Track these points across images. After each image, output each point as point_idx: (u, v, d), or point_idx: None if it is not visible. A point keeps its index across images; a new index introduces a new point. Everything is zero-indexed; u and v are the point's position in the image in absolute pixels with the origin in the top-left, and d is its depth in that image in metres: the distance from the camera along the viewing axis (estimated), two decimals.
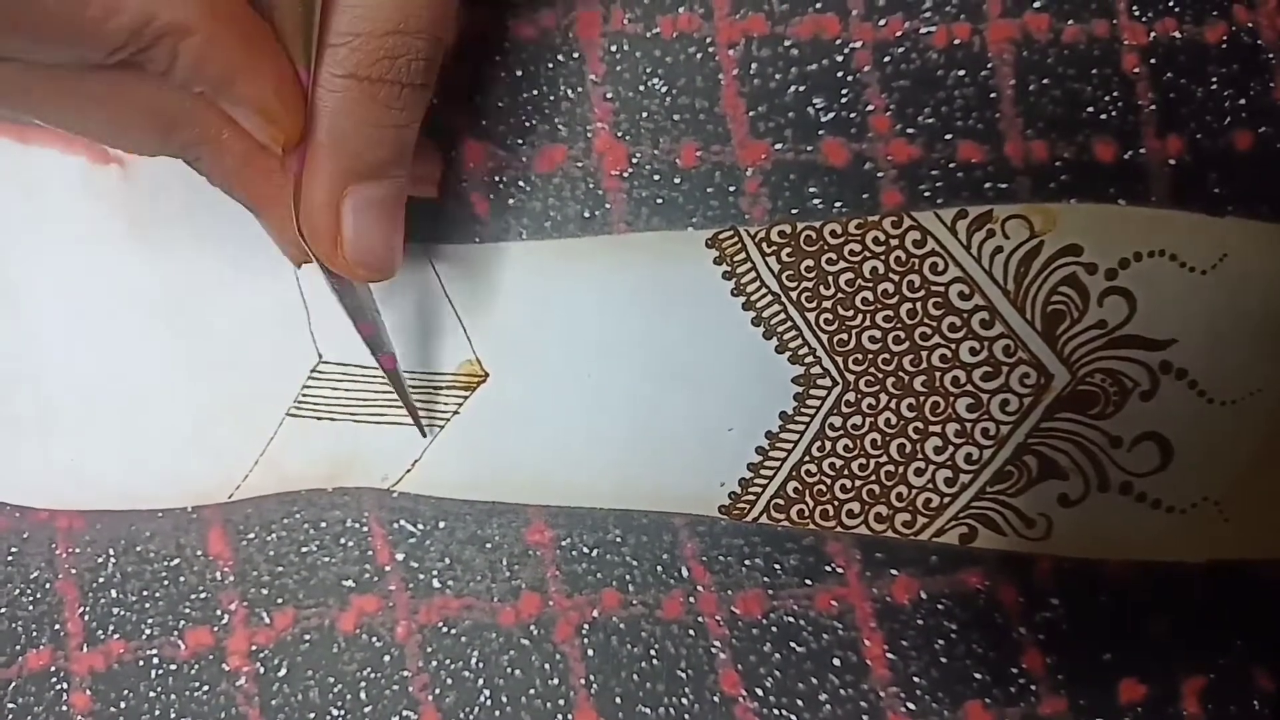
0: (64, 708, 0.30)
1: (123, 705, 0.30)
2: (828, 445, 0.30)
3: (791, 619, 0.30)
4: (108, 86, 0.22)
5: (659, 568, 0.30)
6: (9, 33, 0.20)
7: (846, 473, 0.29)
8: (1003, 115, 0.30)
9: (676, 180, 0.31)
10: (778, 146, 0.31)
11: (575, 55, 0.31)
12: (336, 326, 0.30)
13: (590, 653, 0.30)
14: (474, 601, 0.30)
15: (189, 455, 0.31)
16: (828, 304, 0.30)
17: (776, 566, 0.30)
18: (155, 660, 0.30)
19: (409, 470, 0.30)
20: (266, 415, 0.30)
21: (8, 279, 0.31)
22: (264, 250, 0.30)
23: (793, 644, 0.30)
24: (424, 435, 0.30)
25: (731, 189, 0.31)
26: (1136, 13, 0.31)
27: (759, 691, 0.30)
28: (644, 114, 0.31)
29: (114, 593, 0.31)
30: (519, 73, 0.31)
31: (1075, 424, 0.29)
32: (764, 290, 0.30)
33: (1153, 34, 0.31)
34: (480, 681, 0.30)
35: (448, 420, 0.30)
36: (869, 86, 0.31)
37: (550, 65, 0.31)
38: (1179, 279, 0.29)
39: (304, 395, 0.30)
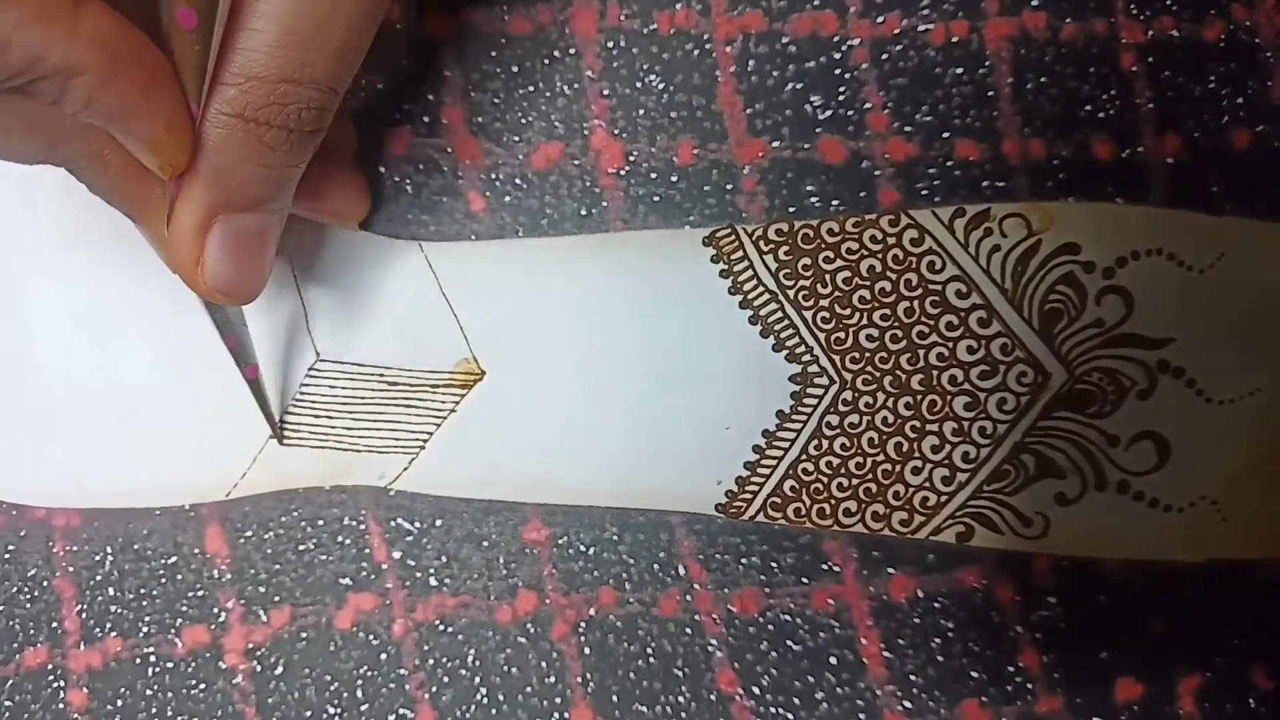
0: (61, 705, 0.29)
1: (120, 703, 0.29)
2: (825, 444, 0.28)
3: (788, 617, 0.29)
4: None
5: (656, 566, 0.29)
6: None
7: (843, 471, 0.28)
8: (1001, 113, 0.29)
9: (673, 178, 0.29)
10: (775, 144, 0.29)
11: (572, 51, 0.30)
12: (334, 325, 0.29)
13: (587, 651, 0.29)
14: (471, 599, 0.29)
15: (186, 453, 0.29)
16: (825, 302, 0.28)
17: (773, 565, 0.29)
18: (152, 658, 0.29)
19: (406, 468, 0.29)
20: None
21: (5, 278, 0.30)
22: None
23: (789, 642, 0.29)
24: (279, 442, 0.29)
25: (729, 187, 0.29)
26: (1134, 11, 0.29)
27: (756, 690, 0.29)
28: (641, 111, 0.30)
29: (111, 591, 0.30)
30: (515, 69, 0.30)
31: (1073, 423, 0.28)
32: (761, 288, 0.29)
33: (1151, 32, 0.29)
34: (477, 679, 0.29)
35: (444, 419, 0.29)
36: (867, 84, 0.29)
37: (547, 61, 0.30)
38: (1177, 278, 0.28)
39: (301, 393, 0.29)
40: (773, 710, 0.29)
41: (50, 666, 0.29)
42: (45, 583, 0.30)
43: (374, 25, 0.22)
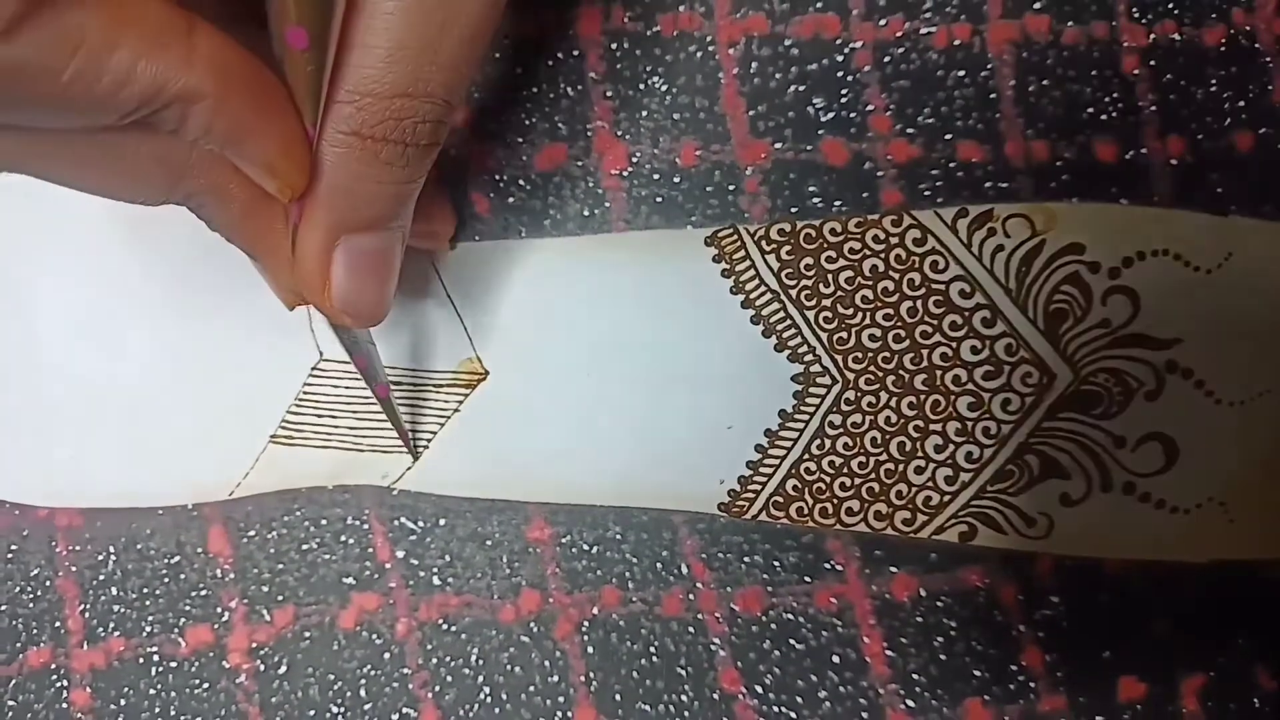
0: (64, 705, 0.28)
1: (123, 703, 0.28)
2: (827, 443, 0.27)
3: (791, 616, 0.28)
4: (115, 144, 0.20)
5: (659, 565, 0.28)
6: (21, 106, 0.18)
7: (846, 471, 0.27)
8: (1003, 116, 0.28)
9: (676, 179, 0.28)
10: (777, 146, 0.28)
11: (575, 53, 0.29)
12: None
13: (590, 650, 0.28)
14: (474, 599, 0.28)
15: (190, 453, 0.28)
16: (827, 302, 0.27)
17: (776, 564, 0.28)
18: (155, 658, 0.28)
19: (409, 468, 0.28)
20: (267, 413, 0.28)
21: (9, 277, 0.29)
22: None
23: (792, 641, 0.28)
24: (415, 459, 0.28)
25: (731, 188, 0.28)
26: (1136, 15, 0.28)
27: (758, 689, 0.28)
28: (644, 113, 0.29)
29: (114, 590, 0.28)
30: (519, 70, 0.29)
31: (1078, 424, 0.27)
32: (763, 288, 0.28)
33: (1152, 36, 0.28)
34: (480, 679, 0.28)
35: (448, 419, 0.28)
36: (869, 86, 0.28)
37: (550, 63, 0.29)
38: (1184, 278, 0.27)
39: (305, 393, 0.28)
40: (775, 709, 0.28)
41: (53, 666, 0.28)
42: (48, 582, 0.29)
43: (488, 36, 0.21)
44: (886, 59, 0.29)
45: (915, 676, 0.28)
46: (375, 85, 0.20)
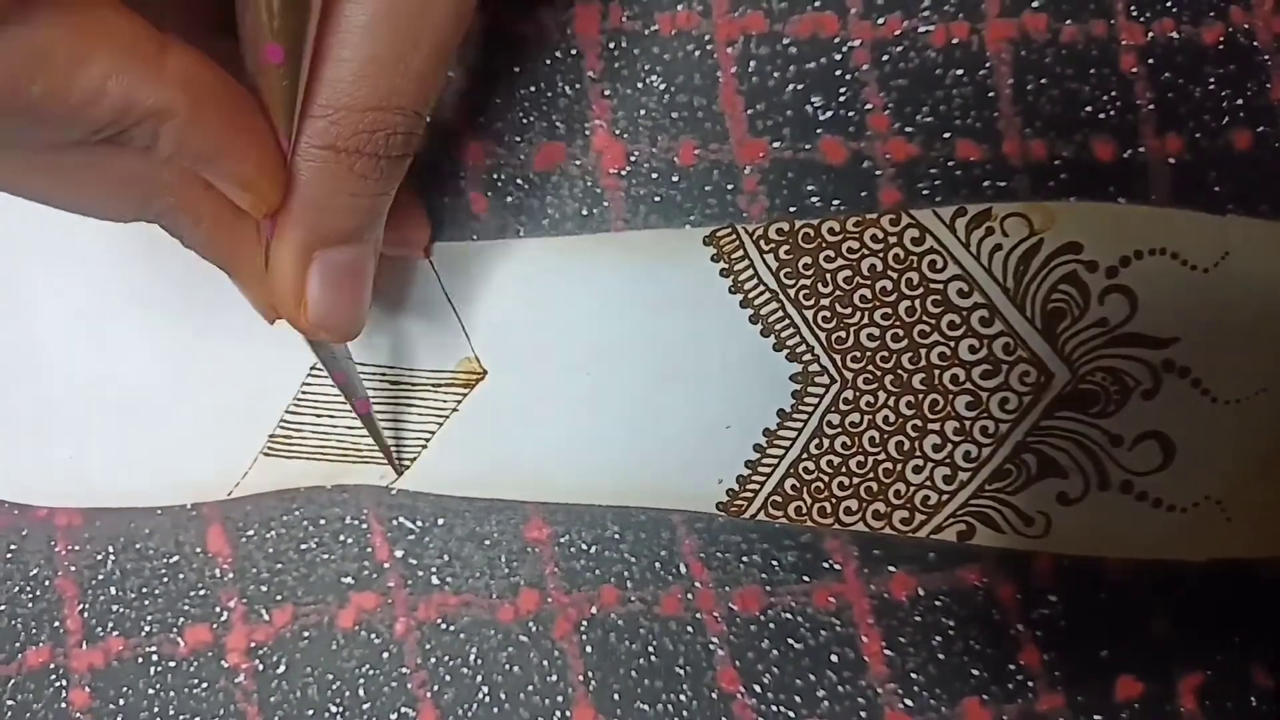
0: (63, 705, 0.28)
1: (121, 702, 0.28)
2: (825, 442, 0.27)
3: (789, 615, 0.28)
4: (86, 161, 0.20)
5: (657, 564, 0.28)
6: None
7: (844, 470, 0.27)
8: (1001, 114, 0.28)
9: (674, 178, 0.28)
10: (776, 145, 0.28)
11: (573, 52, 0.29)
12: None
13: (588, 649, 0.28)
14: (472, 598, 0.28)
15: (188, 452, 0.28)
16: (826, 301, 0.27)
17: (774, 563, 0.28)
18: (154, 657, 0.28)
19: (408, 468, 0.28)
20: (266, 412, 0.28)
21: (9, 277, 0.29)
22: None
23: (790, 640, 0.28)
24: (398, 474, 0.28)
25: (729, 187, 0.28)
26: (1134, 13, 0.28)
27: (757, 688, 0.28)
28: (642, 112, 0.28)
29: (113, 590, 0.28)
30: (517, 69, 0.29)
31: (1076, 422, 0.27)
32: (762, 288, 0.27)
33: (1150, 34, 0.28)
34: (479, 678, 0.28)
35: (446, 418, 0.28)
36: (867, 85, 0.28)
37: (548, 62, 0.29)
38: (1181, 277, 0.27)
39: (303, 392, 0.28)
40: (774, 708, 0.28)
41: (52, 666, 0.28)
42: (47, 582, 0.29)
43: (454, 48, 0.21)
44: (885, 57, 0.28)
45: (913, 675, 0.28)
46: (348, 98, 0.20)
